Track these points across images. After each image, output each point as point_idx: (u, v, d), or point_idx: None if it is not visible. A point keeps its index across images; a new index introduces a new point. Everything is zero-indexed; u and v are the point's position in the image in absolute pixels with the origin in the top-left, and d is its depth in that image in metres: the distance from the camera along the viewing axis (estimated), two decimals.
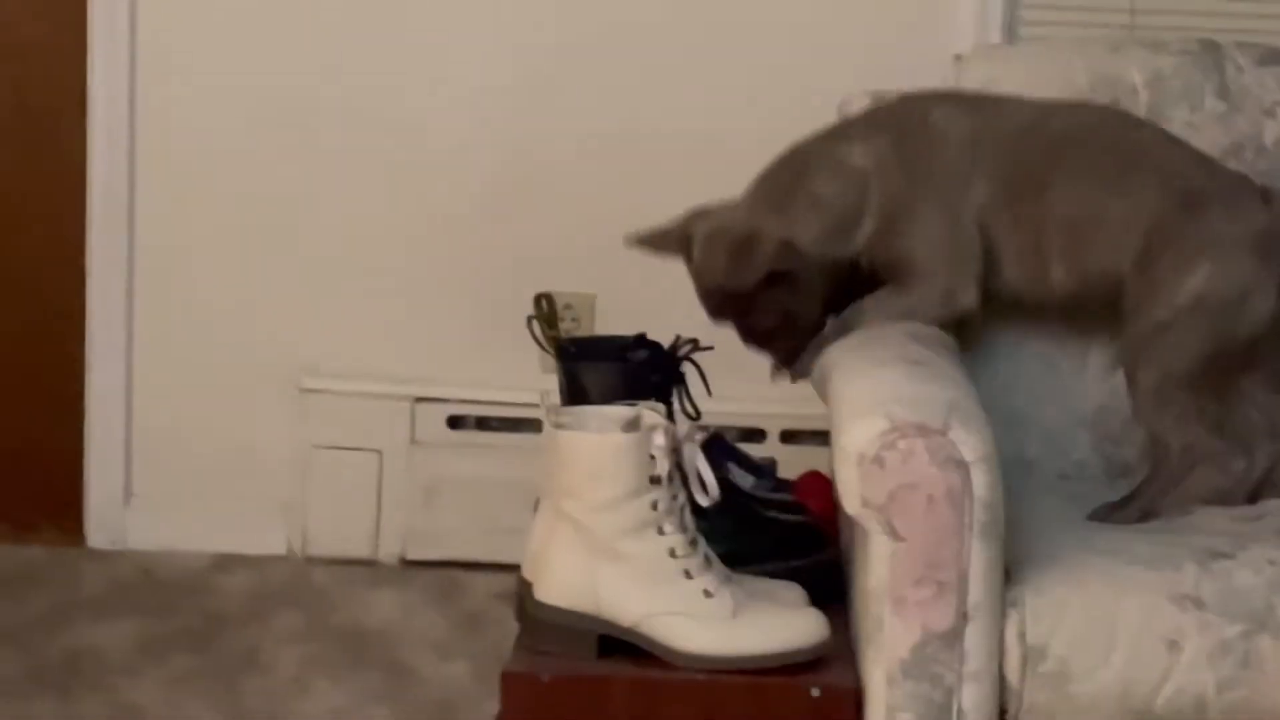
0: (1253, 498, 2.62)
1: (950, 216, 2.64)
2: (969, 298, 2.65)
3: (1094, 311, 2.72)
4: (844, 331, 2.64)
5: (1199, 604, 2.26)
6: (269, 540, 3.70)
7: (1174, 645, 2.25)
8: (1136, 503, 2.60)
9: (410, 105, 3.65)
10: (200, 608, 3.48)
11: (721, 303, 2.65)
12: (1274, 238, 2.65)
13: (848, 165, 2.65)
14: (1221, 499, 2.60)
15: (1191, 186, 2.68)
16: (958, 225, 2.64)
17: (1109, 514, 2.60)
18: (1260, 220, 2.65)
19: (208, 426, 3.71)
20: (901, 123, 2.70)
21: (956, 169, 2.65)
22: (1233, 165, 2.78)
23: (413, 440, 3.68)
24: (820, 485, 2.70)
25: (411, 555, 3.68)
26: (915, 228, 2.63)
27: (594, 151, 3.63)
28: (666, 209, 2.79)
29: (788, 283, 2.62)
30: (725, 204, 2.69)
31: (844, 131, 2.72)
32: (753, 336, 2.68)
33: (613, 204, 3.58)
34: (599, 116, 3.63)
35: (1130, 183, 2.67)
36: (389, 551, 3.68)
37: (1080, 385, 2.77)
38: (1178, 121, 2.80)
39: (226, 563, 3.65)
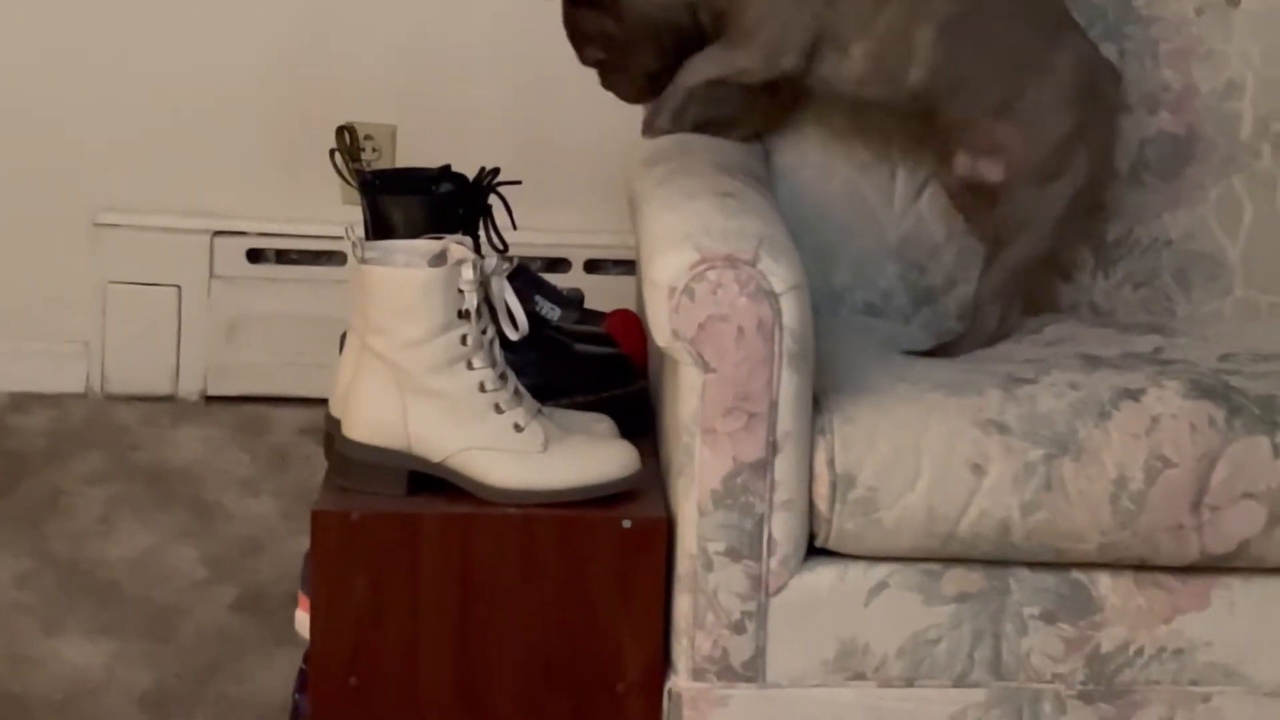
0: None
1: None
2: (791, 60, 2.59)
3: (907, 122, 2.71)
4: (677, 91, 2.64)
5: (1003, 428, 2.29)
6: (67, 378, 3.65)
7: (978, 469, 2.28)
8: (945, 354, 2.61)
9: None
10: None
11: (568, 30, 2.65)
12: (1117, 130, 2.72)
13: None
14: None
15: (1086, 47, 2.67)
16: None
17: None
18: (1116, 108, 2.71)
19: (1, 264, 3.64)
20: None
21: None
22: None
23: (212, 275, 3.64)
24: (628, 324, 2.70)
25: (213, 391, 3.65)
26: None
27: None
28: (465, 42, 2.76)
29: (603, 4, 2.62)
30: None
31: None
32: (593, 66, 2.67)
33: (411, 34, 3.54)
34: None
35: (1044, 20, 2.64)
36: (190, 388, 3.65)
37: (887, 215, 2.77)
38: None
39: (23, 402, 3.60)
